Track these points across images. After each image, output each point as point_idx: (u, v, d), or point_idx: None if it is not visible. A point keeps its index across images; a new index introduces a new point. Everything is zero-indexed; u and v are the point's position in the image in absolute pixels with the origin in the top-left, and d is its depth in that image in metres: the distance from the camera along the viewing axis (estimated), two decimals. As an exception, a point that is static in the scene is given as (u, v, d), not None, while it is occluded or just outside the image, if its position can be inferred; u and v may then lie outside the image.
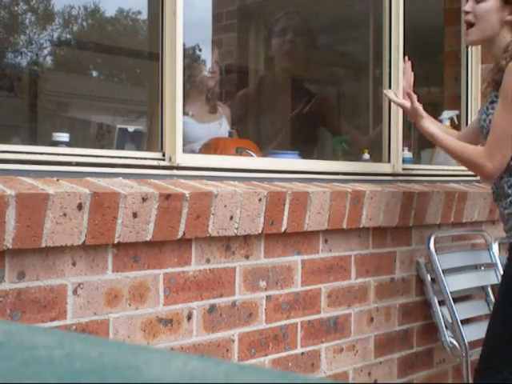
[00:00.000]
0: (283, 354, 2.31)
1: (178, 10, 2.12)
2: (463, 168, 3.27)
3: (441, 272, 2.74)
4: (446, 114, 3.13)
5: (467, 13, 2.34)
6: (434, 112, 2.77)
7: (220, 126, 2.96)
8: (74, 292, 1.76)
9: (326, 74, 3.89)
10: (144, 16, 4.03)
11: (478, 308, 3.00)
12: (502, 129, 2.19)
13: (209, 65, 3.09)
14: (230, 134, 2.94)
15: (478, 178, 2.65)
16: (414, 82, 2.88)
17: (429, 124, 2.43)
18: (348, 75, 2.67)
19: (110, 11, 4.39)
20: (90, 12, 4.14)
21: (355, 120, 2.87)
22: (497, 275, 2.93)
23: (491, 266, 3.02)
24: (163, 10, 2.14)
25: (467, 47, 3.27)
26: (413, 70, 2.89)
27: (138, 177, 2.00)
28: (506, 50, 2.26)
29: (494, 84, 2.31)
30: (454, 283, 2.81)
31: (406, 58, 2.88)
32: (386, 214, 2.58)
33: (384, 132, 2.89)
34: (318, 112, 3.26)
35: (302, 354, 2.37)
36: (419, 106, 2.43)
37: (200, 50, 3.25)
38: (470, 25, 2.35)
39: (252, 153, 2.61)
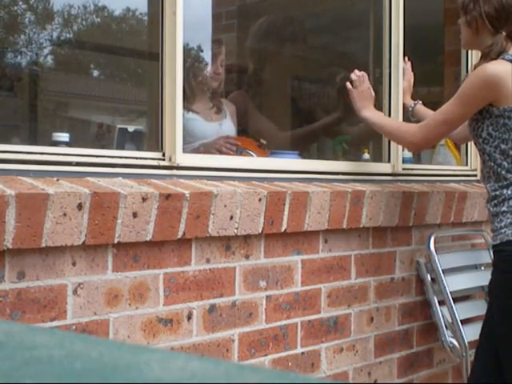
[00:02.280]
0: (283, 354, 2.31)
1: (178, 10, 2.12)
2: (463, 168, 3.28)
3: (441, 272, 2.74)
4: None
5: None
6: (434, 112, 2.77)
7: (220, 126, 2.94)
8: (74, 292, 1.76)
9: (325, 73, 3.88)
10: (144, 15, 4.03)
11: (478, 308, 3.00)
12: (444, 115, 2.34)
13: (214, 64, 3.06)
14: (262, 146, 2.91)
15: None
16: (414, 82, 2.89)
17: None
18: (348, 75, 2.68)
19: (109, 11, 4.38)
20: (90, 12, 4.14)
21: (355, 119, 2.87)
22: (497, 275, 2.93)
23: (491, 265, 3.01)
24: (163, 9, 2.14)
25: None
26: (413, 71, 2.90)
27: (137, 177, 2.00)
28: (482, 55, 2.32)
29: None
30: (454, 283, 2.81)
31: (406, 58, 2.89)
32: (386, 213, 2.58)
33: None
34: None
35: (302, 353, 2.37)
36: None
37: (201, 51, 3.23)
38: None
39: (252, 153, 2.61)
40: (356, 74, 2.64)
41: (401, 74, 2.86)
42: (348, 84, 2.66)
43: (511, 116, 2.19)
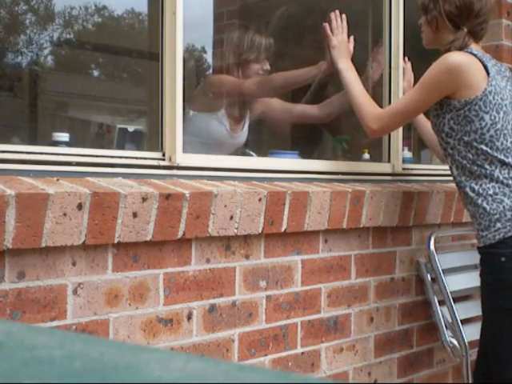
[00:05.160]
0: (283, 354, 2.31)
1: (178, 10, 2.12)
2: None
3: (441, 272, 2.74)
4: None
5: None
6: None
7: (236, 138, 2.83)
8: (74, 292, 1.76)
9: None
10: (144, 15, 4.03)
11: (478, 308, 2.99)
12: (405, 104, 2.35)
13: (261, 60, 2.84)
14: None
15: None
16: (414, 82, 2.89)
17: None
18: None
19: (109, 11, 4.39)
20: (90, 12, 4.14)
21: (354, 120, 2.87)
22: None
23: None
24: (163, 9, 2.14)
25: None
26: (413, 71, 2.90)
27: (137, 177, 2.00)
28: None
29: None
30: (454, 283, 2.81)
31: (406, 58, 2.89)
32: (386, 213, 2.58)
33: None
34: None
35: (302, 353, 2.37)
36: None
37: (204, 52, 3.20)
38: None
39: (252, 153, 2.61)
40: (337, 23, 2.58)
41: (401, 75, 2.86)
42: (327, 29, 2.58)
43: (471, 108, 2.21)
